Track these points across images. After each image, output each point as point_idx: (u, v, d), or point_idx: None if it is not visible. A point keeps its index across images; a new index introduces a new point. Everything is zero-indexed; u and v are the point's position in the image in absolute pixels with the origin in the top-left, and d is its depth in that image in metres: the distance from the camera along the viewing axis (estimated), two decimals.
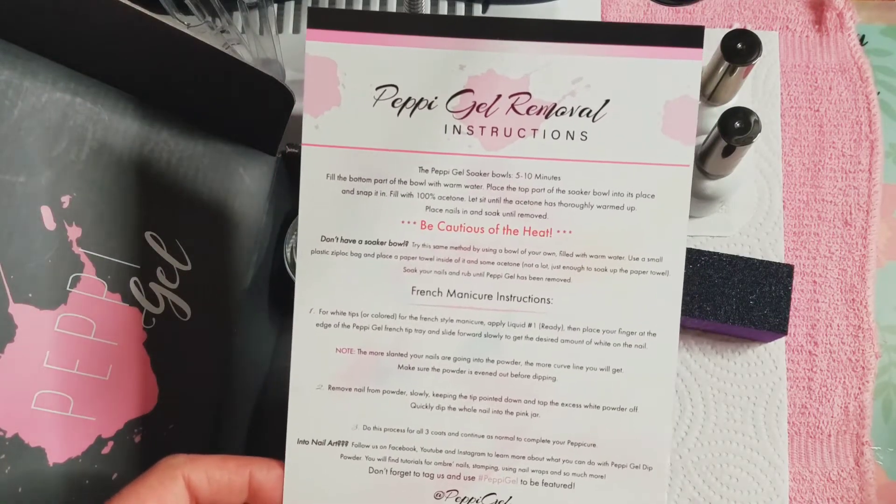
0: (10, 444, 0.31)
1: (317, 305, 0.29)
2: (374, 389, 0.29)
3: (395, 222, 0.29)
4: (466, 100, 0.29)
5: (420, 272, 0.29)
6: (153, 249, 0.37)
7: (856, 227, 0.47)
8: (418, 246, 0.29)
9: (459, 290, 0.29)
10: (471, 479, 0.29)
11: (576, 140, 0.29)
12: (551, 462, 0.29)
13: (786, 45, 0.50)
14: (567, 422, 0.29)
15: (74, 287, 0.33)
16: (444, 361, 0.29)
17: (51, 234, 0.33)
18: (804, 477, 0.44)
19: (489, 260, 0.29)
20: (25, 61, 0.33)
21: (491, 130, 0.29)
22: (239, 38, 0.43)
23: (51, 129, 0.34)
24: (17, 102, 0.33)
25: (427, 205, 0.29)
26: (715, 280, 0.43)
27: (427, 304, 0.29)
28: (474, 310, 0.29)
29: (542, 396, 0.29)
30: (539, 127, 0.29)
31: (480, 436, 0.29)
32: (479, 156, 0.29)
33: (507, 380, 0.29)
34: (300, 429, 0.29)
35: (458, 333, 0.29)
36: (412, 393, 0.29)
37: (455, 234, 0.29)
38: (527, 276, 0.29)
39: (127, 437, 0.35)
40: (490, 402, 0.29)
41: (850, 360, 0.46)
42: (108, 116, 0.36)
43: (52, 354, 0.32)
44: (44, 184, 0.33)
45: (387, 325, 0.29)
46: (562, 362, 0.29)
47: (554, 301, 0.29)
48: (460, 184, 0.29)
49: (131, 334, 0.35)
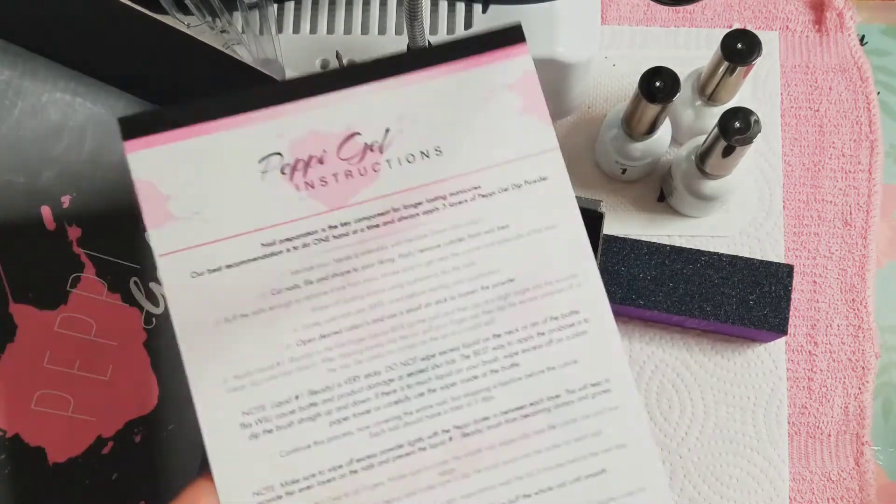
0: (10, 444, 0.31)
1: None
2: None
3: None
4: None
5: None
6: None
7: (856, 227, 0.47)
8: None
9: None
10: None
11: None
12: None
13: (786, 45, 0.50)
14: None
15: (74, 287, 0.33)
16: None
17: (51, 234, 0.33)
18: (804, 477, 0.44)
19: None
20: (25, 61, 0.33)
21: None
22: (239, 38, 0.43)
23: (51, 129, 0.34)
24: (17, 102, 0.33)
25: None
26: (715, 280, 0.43)
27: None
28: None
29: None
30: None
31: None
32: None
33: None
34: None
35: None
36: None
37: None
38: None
39: (127, 437, 0.35)
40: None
41: (850, 360, 0.46)
42: (108, 116, 0.36)
43: (52, 354, 0.32)
44: (44, 184, 0.33)
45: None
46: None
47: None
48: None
49: (131, 334, 0.35)
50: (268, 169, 0.28)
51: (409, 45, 0.38)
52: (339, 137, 0.29)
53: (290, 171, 0.28)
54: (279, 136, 0.28)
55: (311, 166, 0.28)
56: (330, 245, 0.28)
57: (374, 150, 0.29)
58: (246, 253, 0.28)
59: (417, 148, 0.29)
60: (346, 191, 0.28)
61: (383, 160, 0.29)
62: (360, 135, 0.29)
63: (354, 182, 0.28)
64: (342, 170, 0.28)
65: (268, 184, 0.28)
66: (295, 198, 0.28)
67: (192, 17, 0.42)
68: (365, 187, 0.28)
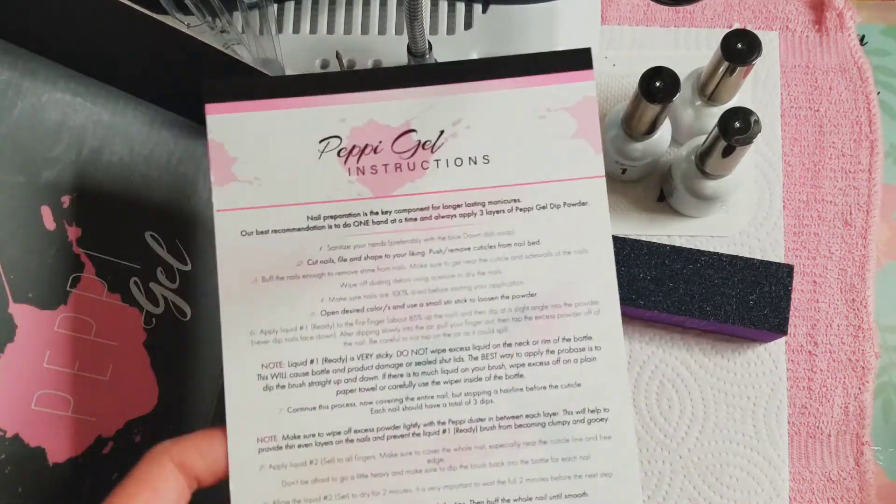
0: (10, 444, 0.31)
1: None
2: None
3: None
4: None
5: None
6: (153, 249, 0.37)
7: (856, 227, 0.47)
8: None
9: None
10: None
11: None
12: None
13: (786, 45, 0.50)
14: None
15: (74, 287, 0.33)
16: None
17: (51, 234, 0.33)
18: (804, 477, 0.44)
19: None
20: (25, 61, 0.33)
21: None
22: (239, 38, 0.43)
23: (51, 129, 0.34)
24: (17, 102, 0.33)
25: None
26: (715, 280, 0.43)
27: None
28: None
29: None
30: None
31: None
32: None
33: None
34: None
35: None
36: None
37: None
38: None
39: (127, 437, 0.35)
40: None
41: (850, 360, 0.46)
42: (108, 116, 0.36)
43: (52, 354, 0.32)
44: (44, 184, 0.33)
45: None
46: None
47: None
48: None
49: (131, 334, 0.36)
50: (326, 150, 0.30)
51: (409, 45, 0.38)
52: (396, 131, 0.30)
53: (345, 154, 0.30)
54: (342, 120, 0.30)
55: (365, 154, 0.30)
56: (368, 229, 0.30)
57: (426, 149, 0.30)
58: (292, 222, 0.30)
59: (467, 153, 0.30)
60: (392, 182, 0.30)
61: (433, 159, 0.30)
62: (415, 132, 0.30)
63: (402, 175, 0.30)
64: (393, 162, 0.30)
65: (323, 163, 0.30)
66: (345, 180, 0.30)
67: (192, 17, 0.42)
68: (411, 181, 0.30)
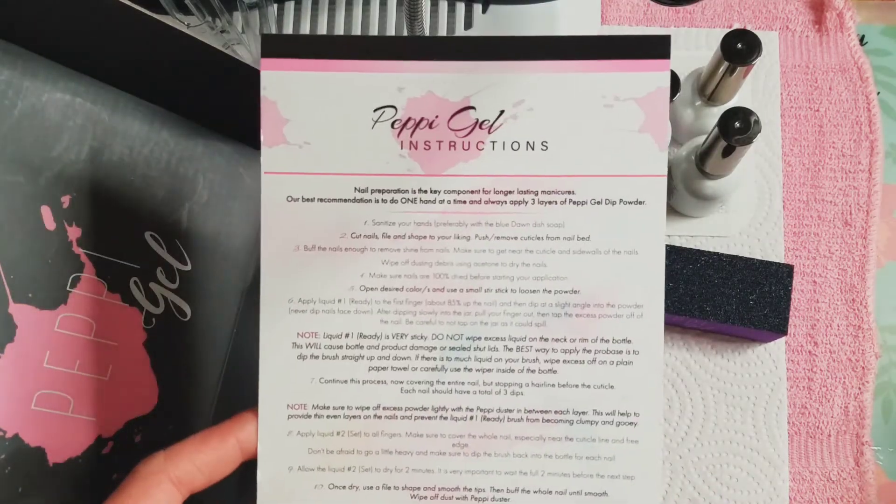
0: (10, 444, 0.31)
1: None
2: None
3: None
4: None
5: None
6: (153, 249, 0.37)
7: (856, 227, 0.47)
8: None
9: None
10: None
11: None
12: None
13: (786, 45, 0.50)
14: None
15: (74, 287, 0.33)
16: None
17: (51, 234, 0.33)
18: (804, 477, 0.44)
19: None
20: (25, 61, 0.33)
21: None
22: (239, 38, 0.43)
23: (51, 129, 0.34)
24: (17, 102, 0.33)
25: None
26: (715, 280, 0.43)
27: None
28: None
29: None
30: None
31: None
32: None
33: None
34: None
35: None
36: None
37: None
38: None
39: (127, 437, 0.35)
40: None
41: (850, 360, 0.46)
42: (108, 116, 0.36)
43: (52, 354, 0.32)
44: (44, 184, 0.33)
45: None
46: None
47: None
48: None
49: (131, 334, 0.35)
50: (380, 119, 0.29)
51: None
52: (454, 107, 0.29)
53: (399, 126, 0.29)
54: (399, 89, 0.29)
55: (420, 128, 0.29)
56: (415, 207, 0.29)
57: (483, 129, 0.29)
58: (339, 192, 0.29)
59: (525, 137, 0.29)
60: (445, 160, 0.29)
61: (489, 140, 0.29)
62: (474, 109, 0.29)
63: (455, 154, 0.29)
64: (447, 139, 0.29)
65: (376, 133, 0.29)
66: (396, 153, 0.29)
67: (192, 17, 0.42)
68: (464, 162, 0.29)
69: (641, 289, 0.29)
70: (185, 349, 0.38)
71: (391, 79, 0.29)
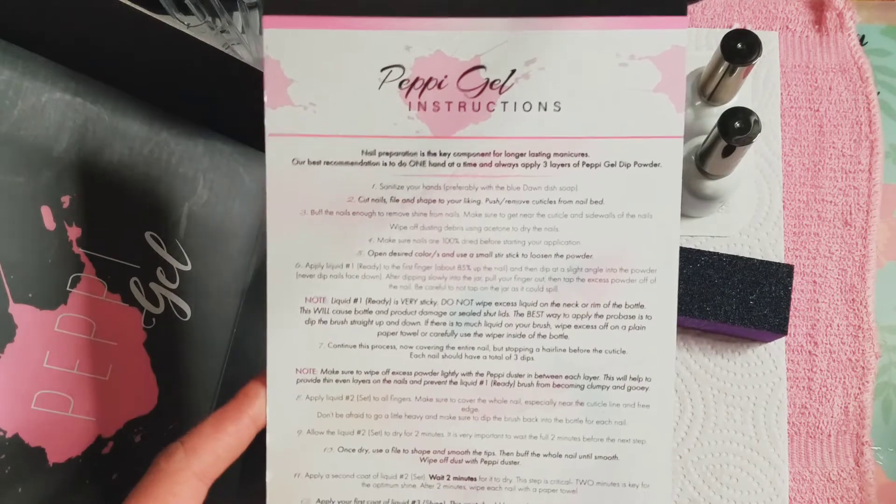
0: (10, 444, 0.31)
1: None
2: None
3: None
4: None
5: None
6: (153, 249, 0.37)
7: (856, 227, 0.47)
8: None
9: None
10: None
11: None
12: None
13: (786, 45, 0.50)
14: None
15: (74, 287, 0.33)
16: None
17: (51, 234, 0.33)
18: (804, 477, 0.44)
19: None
20: (25, 61, 0.33)
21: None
22: (239, 38, 0.43)
23: (51, 129, 0.34)
24: (17, 102, 0.33)
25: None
26: (715, 280, 0.43)
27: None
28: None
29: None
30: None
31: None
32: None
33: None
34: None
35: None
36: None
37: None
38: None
39: (127, 437, 0.35)
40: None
41: (850, 360, 0.46)
42: (108, 116, 0.36)
43: (52, 354, 0.32)
44: (44, 184, 0.33)
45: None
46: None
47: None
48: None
49: (131, 334, 0.35)
50: (388, 79, 0.28)
51: None
52: (463, 66, 0.28)
53: (407, 86, 0.28)
54: (407, 48, 0.28)
55: (428, 88, 0.28)
56: (424, 170, 0.28)
57: (494, 89, 0.28)
58: (346, 155, 0.28)
59: (537, 98, 0.28)
60: (454, 121, 0.28)
61: (499, 101, 0.28)
62: (484, 69, 0.28)
63: (465, 115, 0.28)
64: (457, 100, 0.28)
65: (383, 94, 0.28)
66: (404, 115, 0.28)
67: (192, 17, 0.42)
68: (474, 123, 0.28)
69: (655, 253, 0.28)
70: (185, 349, 0.38)
71: (398, 37, 0.28)
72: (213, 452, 0.27)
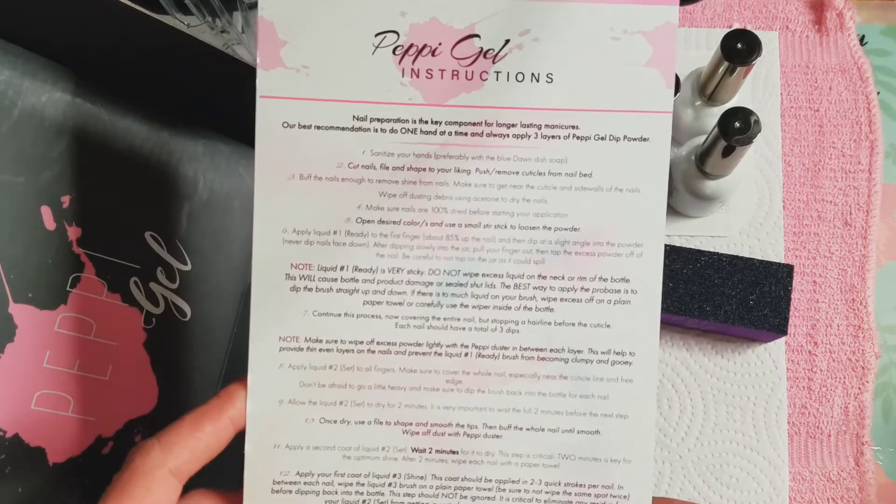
0: (10, 444, 0.31)
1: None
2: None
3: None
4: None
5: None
6: (153, 249, 0.37)
7: (856, 227, 0.47)
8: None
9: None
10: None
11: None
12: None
13: (786, 45, 0.50)
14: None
15: (74, 287, 0.33)
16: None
17: (51, 234, 0.33)
18: (804, 477, 0.44)
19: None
20: (25, 61, 0.33)
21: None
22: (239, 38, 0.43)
23: (51, 129, 0.34)
24: (17, 102, 0.33)
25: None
26: (715, 280, 0.43)
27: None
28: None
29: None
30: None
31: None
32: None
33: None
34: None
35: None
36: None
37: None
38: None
39: (127, 437, 0.35)
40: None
41: (850, 360, 0.46)
42: (108, 116, 0.36)
43: (52, 354, 0.32)
44: (44, 184, 0.33)
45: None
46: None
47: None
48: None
49: (131, 334, 0.35)
50: (381, 45, 0.28)
51: None
52: (458, 34, 0.28)
53: (401, 53, 0.28)
54: (402, 14, 0.28)
55: (422, 55, 0.28)
56: (415, 138, 0.28)
57: (487, 58, 0.28)
58: (337, 120, 0.28)
59: (530, 69, 0.28)
60: (447, 90, 0.28)
61: (492, 70, 0.28)
62: (478, 38, 0.28)
63: (458, 84, 0.28)
64: (450, 68, 0.28)
65: (377, 59, 0.28)
66: (397, 81, 0.28)
67: (192, 17, 0.42)
68: (466, 92, 0.28)
69: (642, 227, 0.28)
70: (185, 349, 0.38)
71: (394, 2, 0.28)
72: (190, 450, 0.27)
